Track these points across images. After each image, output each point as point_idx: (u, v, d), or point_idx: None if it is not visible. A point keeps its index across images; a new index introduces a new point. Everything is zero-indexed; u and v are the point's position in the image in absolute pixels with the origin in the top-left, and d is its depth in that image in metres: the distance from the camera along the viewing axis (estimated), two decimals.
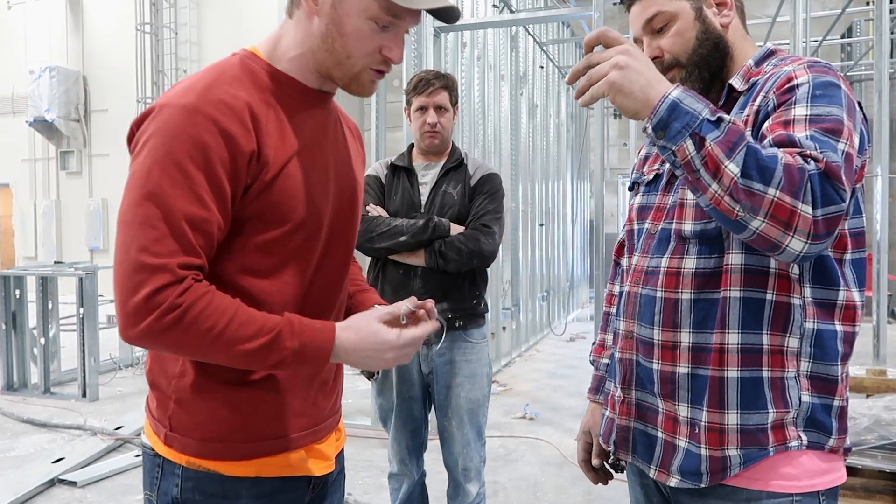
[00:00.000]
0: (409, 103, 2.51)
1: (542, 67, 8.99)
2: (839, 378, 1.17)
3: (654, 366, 1.25)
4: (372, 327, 1.08)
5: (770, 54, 1.27)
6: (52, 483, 3.68)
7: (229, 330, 0.99)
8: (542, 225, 8.78)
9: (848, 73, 10.61)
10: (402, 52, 1.13)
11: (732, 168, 0.97)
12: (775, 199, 0.97)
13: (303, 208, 1.11)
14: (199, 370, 1.11)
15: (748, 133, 1.02)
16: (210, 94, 1.03)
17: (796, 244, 0.99)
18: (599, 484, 1.50)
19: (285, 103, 1.12)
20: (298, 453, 1.17)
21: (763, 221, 0.98)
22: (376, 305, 1.25)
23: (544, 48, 8.91)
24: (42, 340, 5.57)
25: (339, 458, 1.30)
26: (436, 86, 2.43)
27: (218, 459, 1.11)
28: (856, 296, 1.17)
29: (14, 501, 3.41)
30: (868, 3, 10.29)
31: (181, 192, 0.99)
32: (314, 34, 1.11)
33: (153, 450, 1.16)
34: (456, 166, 2.49)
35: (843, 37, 10.64)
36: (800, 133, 1.04)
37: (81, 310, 5.43)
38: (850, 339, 1.18)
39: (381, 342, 1.07)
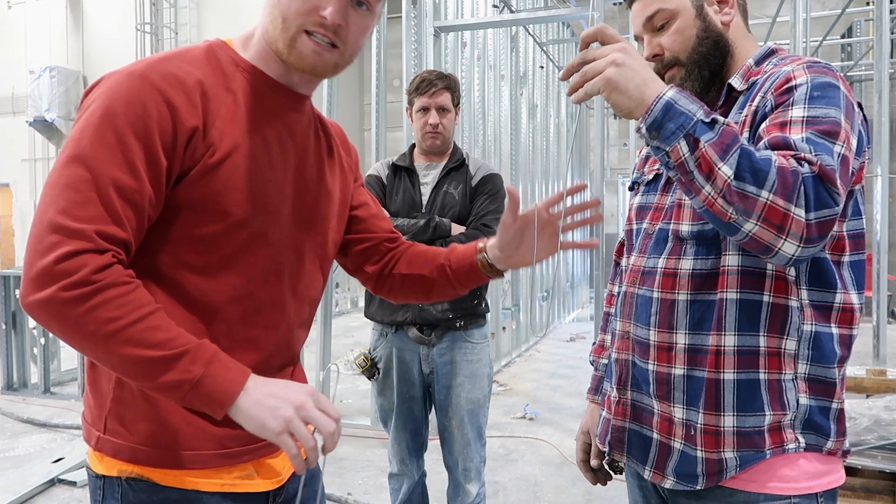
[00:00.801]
0: (410, 103, 2.51)
1: (542, 67, 8.99)
2: (836, 380, 1.17)
3: (650, 367, 1.25)
4: (292, 384, 0.97)
5: (770, 53, 1.26)
6: (52, 483, 3.68)
7: (134, 329, 0.89)
8: None
9: (848, 73, 10.60)
10: (340, 13, 1.02)
11: (726, 170, 0.97)
12: (768, 202, 0.96)
13: (247, 204, 1.03)
14: None
15: (743, 135, 1.01)
16: (161, 66, 0.99)
17: (789, 247, 0.98)
18: (598, 484, 1.50)
19: (247, 93, 1.06)
20: (245, 468, 1.07)
21: (756, 224, 0.98)
22: None
23: (544, 48, 8.91)
24: (42, 340, 5.56)
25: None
26: (438, 86, 2.44)
27: (151, 466, 1.01)
28: (854, 298, 1.17)
29: (14, 501, 3.41)
30: (868, 3, 10.29)
31: (112, 158, 0.92)
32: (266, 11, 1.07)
33: (92, 469, 1.06)
34: (457, 166, 2.50)
35: (843, 37, 10.64)
36: (796, 135, 1.04)
37: None
38: (847, 342, 1.18)
39: (290, 395, 0.95)
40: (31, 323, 5.72)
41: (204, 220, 1.01)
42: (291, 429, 0.93)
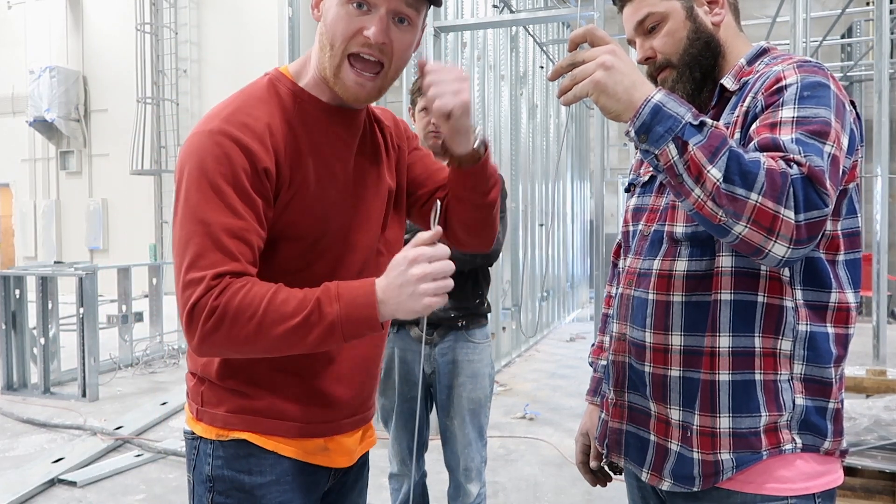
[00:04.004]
0: (413, 103, 2.51)
1: (542, 67, 8.99)
2: (833, 380, 1.17)
3: (646, 369, 1.25)
4: (397, 257, 1.05)
5: (763, 52, 1.26)
6: (52, 483, 3.69)
7: (269, 311, 1.02)
8: (541, 225, 8.78)
9: (848, 73, 10.60)
10: (383, 32, 1.10)
11: (715, 173, 0.97)
12: (758, 204, 0.96)
13: (317, 226, 1.16)
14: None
15: (731, 138, 1.01)
16: (233, 118, 1.11)
17: (779, 249, 0.98)
18: (598, 485, 1.50)
19: (304, 122, 1.17)
20: (318, 443, 1.23)
21: (746, 226, 0.98)
22: None
23: (544, 48, 8.91)
24: (42, 340, 5.57)
25: (364, 457, 1.36)
26: None
27: (239, 430, 1.19)
28: (850, 297, 1.17)
29: (14, 501, 3.41)
30: (868, 3, 10.28)
31: (216, 207, 1.06)
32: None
33: (191, 432, 1.24)
34: None
35: (843, 37, 10.63)
36: (785, 136, 1.03)
37: (81, 310, 5.44)
38: (843, 341, 1.18)
39: (402, 259, 1.04)
40: (31, 323, 5.73)
41: (286, 244, 1.15)
42: (428, 277, 1.02)
